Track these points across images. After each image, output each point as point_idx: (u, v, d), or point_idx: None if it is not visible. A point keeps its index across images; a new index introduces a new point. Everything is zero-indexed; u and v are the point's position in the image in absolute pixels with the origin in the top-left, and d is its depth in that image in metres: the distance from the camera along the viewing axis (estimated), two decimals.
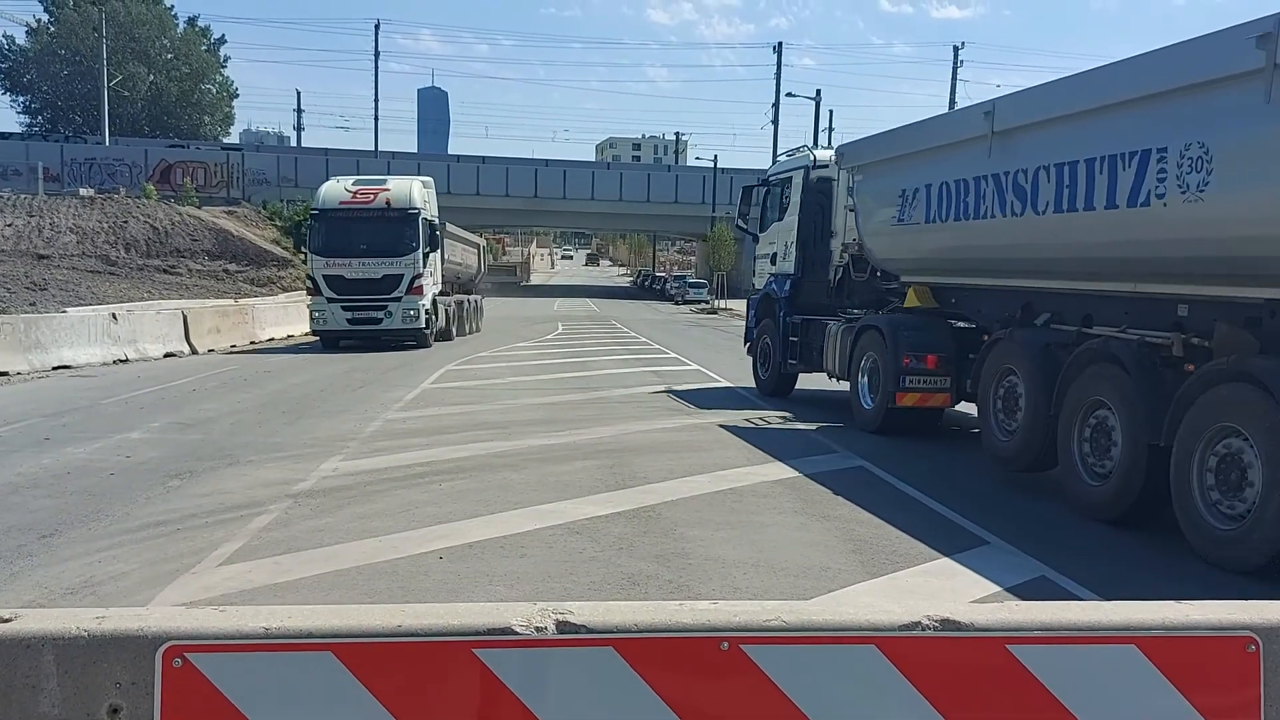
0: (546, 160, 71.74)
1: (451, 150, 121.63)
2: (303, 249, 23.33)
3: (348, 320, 22.27)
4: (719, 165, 65.36)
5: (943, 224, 10.23)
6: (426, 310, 22.74)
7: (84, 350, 17.39)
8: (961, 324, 11.07)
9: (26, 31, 74.97)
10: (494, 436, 10.60)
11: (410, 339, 22.77)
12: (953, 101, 79.53)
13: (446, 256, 26.15)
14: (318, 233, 22.59)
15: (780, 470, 9.03)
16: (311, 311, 22.84)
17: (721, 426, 11.58)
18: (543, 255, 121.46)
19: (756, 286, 15.65)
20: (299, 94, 79.70)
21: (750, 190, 15.99)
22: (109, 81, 59.52)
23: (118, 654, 2.10)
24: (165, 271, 38.33)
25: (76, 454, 9.37)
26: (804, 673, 2.25)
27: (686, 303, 58.45)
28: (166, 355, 19.54)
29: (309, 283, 23.12)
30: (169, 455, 9.43)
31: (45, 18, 75.85)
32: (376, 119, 73.91)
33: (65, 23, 74.02)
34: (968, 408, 12.81)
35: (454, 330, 26.19)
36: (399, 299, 22.22)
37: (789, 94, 59.02)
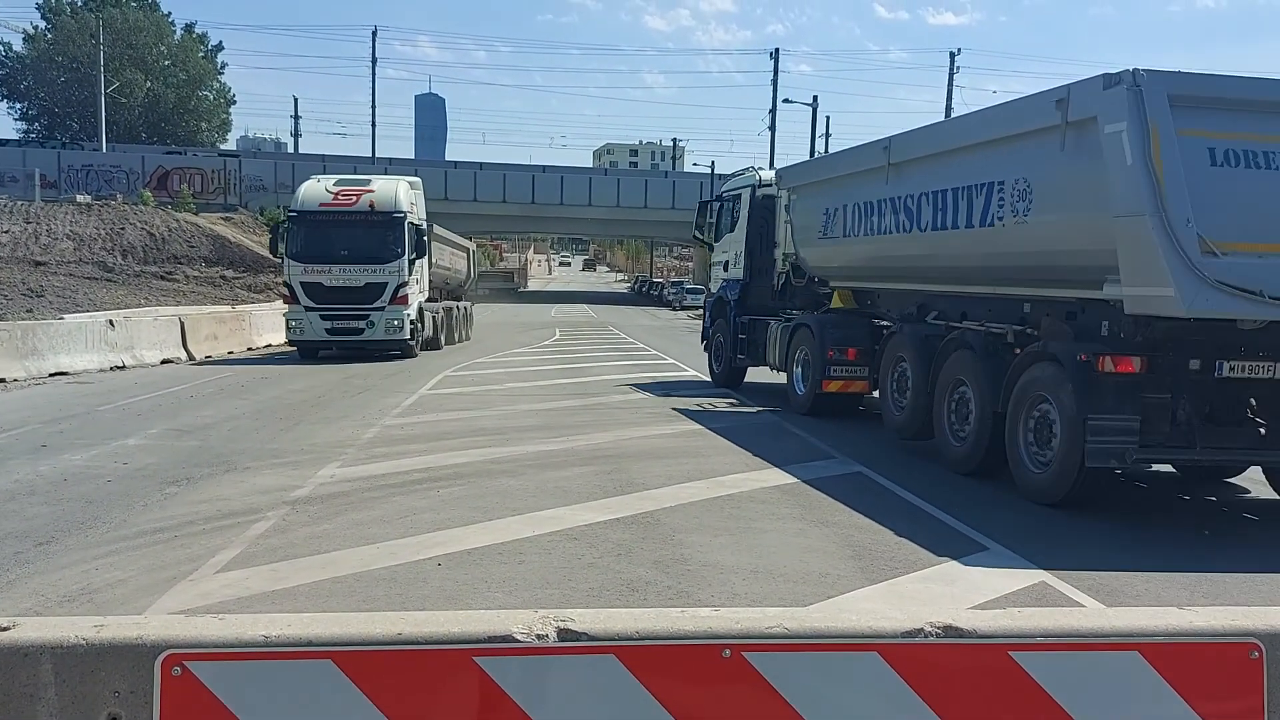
0: (544, 166, 71.83)
1: (449, 156, 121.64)
2: (279, 253, 21.67)
3: (326, 330, 20.93)
4: (716, 171, 65.44)
5: (856, 238, 12.22)
6: (411, 320, 21.48)
7: (81, 357, 17.35)
8: (880, 322, 12.72)
9: (24, 38, 75.02)
10: (492, 442, 10.59)
11: (394, 350, 21.58)
12: (949, 108, 79.58)
13: (435, 261, 25.00)
14: (295, 236, 21.18)
15: (778, 476, 9.02)
16: (288, 320, 21.39)
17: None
18: (540, 261, 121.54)
19: (712, 290, 17.91)
20: (296, 100, 79.74)
21: (705, 205, 18.24)
22: (106, 88, 59.53)
23: (116, 662, 2.09)
24: (162, 278, 38.33)
25: (73, 461, 9.35)
26: (806, 680, 2.24)
27: (684, 308, 58.47)
28: (164, 362, 19.50)
29: (285, 289, 21.79)
30: (166, 462, 9.41)
31: (42, 24, 75.89)
32: (374, 125, 74.08)
33: (62, 29, 74.05)
34: None
35: (442, 339, 25.00)
36: (382, 309, 20.90)
37: (786, 100, 59.02)
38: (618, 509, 7.56)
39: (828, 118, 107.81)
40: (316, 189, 21.92)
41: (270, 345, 24.62)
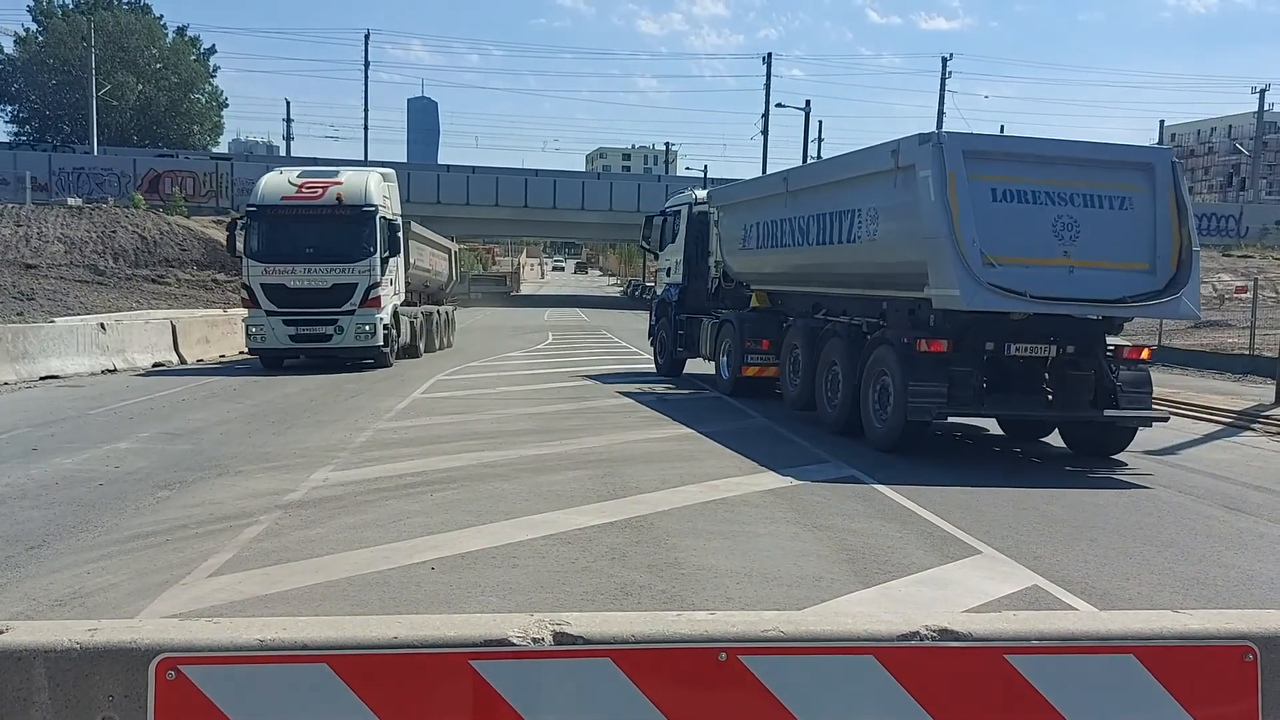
0: (536, 170, 71.81)
1: (441, 160, 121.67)
2: (237, 252, 19.65)
3: (290, 337, 19.03)
4: (709, 175, 65.51)
5: (767, 250, 14.82)
6: (385, 325, 19.63)
7: (72, 360, 17.29)
8: (787, 318, 14.89)
9: (14, 41, 74.84)
10: (485, 446, 10.58)
11: (366, 358, 19.84)
12: (941, 113, 79.82)
13: (412, 262, 23.40)
14: (255, 233, 19.25)
15: (772, 480, 9.02)
16: (247, 326, 19.48)
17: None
18: (533, 265, 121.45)
19: (657, 293, 20.33)
20: (288, 103, 79.96)
21: (651, 219, 20.88)
22: (97, 91, 59.40)
23: (110, 666, 2.08)
24: (154, 281, 38.24)
25: (65, 464, 9.31)
26: (802, 683, 2.24)
27: None
28: (155, 365, 19.43)
29: (244, 292, 19.67)
30: (158, 465, 9.38)
31: (34, 27, 75.69)
32: (366, 129, 74.22)
33: (54, 32, 73.86)
34: (970, 424, 12.89)
35: (421, 345, 23.29)
36: (352, 312, 19.11)
37: (779, 104, 59.21)
38: (611, 513, 7.55)
39: (820, 122, 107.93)
40: (278, 181, 20.09)
41: None
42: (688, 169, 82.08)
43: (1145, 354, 10.93)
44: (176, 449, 10.31)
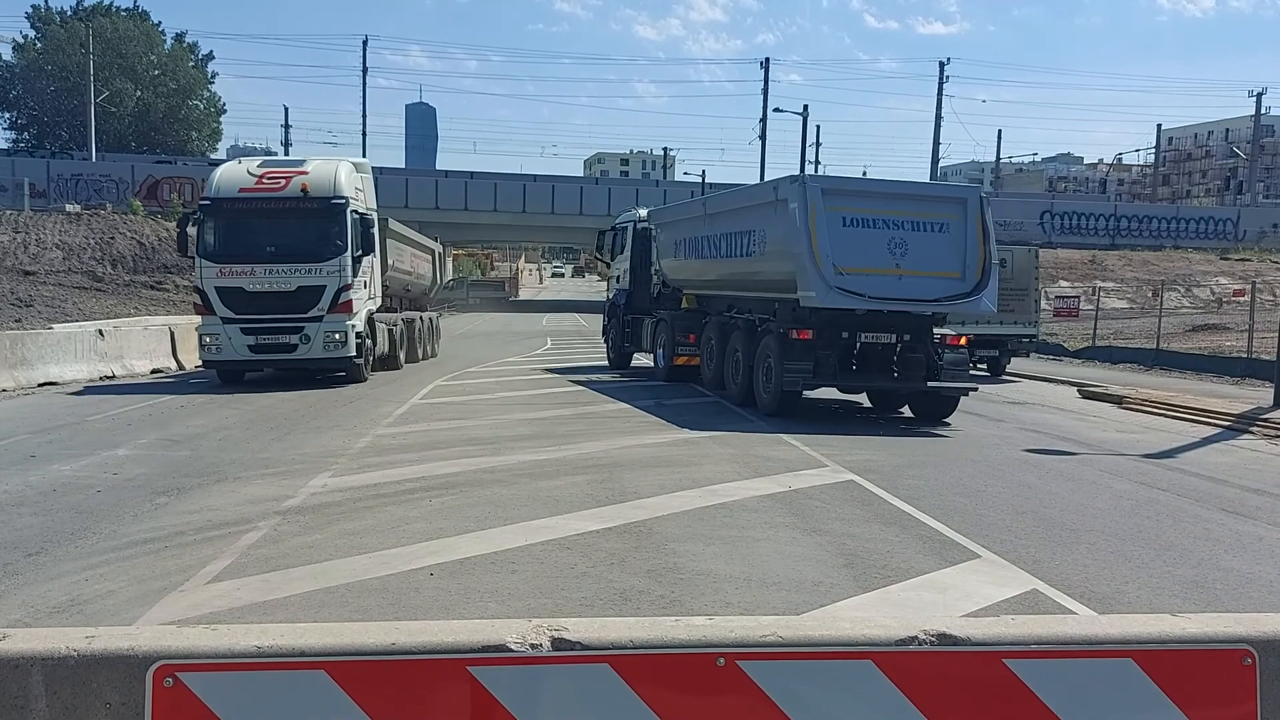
0: (535, 175, 71.81)
1: (440, 166, 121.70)
2: (189, 252, 17.62)
3: (250, 347, 17.01)
4: (707, 180, 65.54)
5: (692, 261, 18.18)
6: (359, 332, 17.65)
7: (70, 367, 17.29)
8: (707, 316, 17.82)
9: (13, 48, 74.84)
10: (484, 452, 10.57)
11: (337, 370, 17.92)
12: (939, 117, 79.86)
13: (391, 263, 21.37)
14: (209, 230, 17.19)
15: (770, 485, 9.02)
16: (201, 336, 17.39)
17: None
18: (531, 270, 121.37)
19: (609, 298, 23.48)
20: (286, 109, 79.96)
21: (603, 233, 23.85)
22: (96, 97, 59.43)
23: (108, 674, 2.08)
24: (152, 287, 38.22)
25: (63, 471, 9.30)
26: (800, 688, 2.24)
27: None
28: (154, 371, 19.43)
29: (196, 297, 17.64)
30: (157, 472, 9.37)
31: (32, 34, 75.73)
32: (364, 134, 73.94)
33: (52, 39, 73.90)
34: (970, 427, 12.94)
35: (401, 356, 21.37)
36: (319, 318, 17.10)
37: (776, 109, 59.32)
38: (610, 518, 7.55)
39: (818, 126, 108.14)
40: (236, 172, 18.20)
41: None
42: (686, 174, 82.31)
43: (963, 341, 14.47)
44: (175, 455, 10.30)
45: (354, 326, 17.50)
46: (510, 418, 13.54)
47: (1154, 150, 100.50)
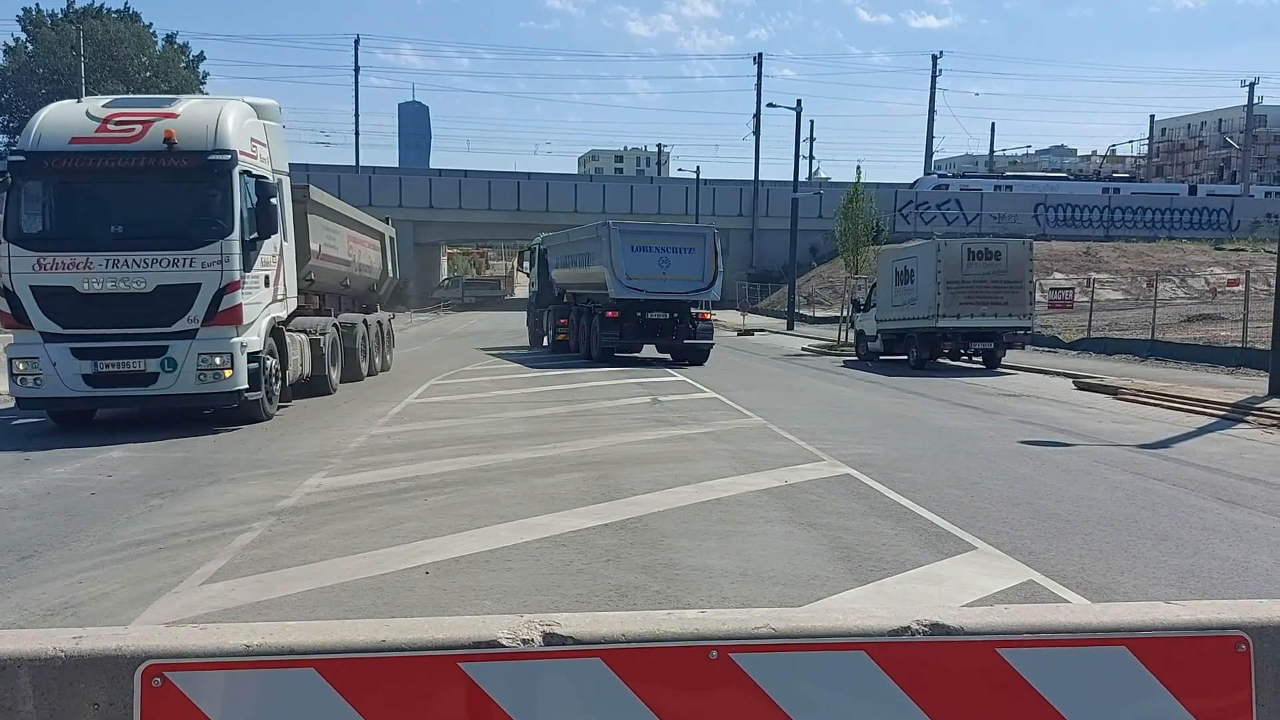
0: (529, 173, 71.80)
1: (433, 164, 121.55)
2: None
3: (86, 378, 11.75)
4: (702, 176, 65.52)
5: (564, 270, 26.93)
6: (254, 352, 12.43)
7: None
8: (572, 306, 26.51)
9: (4, 50, 74.64)
10: (479, 450, 10.56)
11: (222, 405, 12.37)
12: (932, 110, 79.86)
13: (318, 248, 16.07)
14: (22, 201, 11.92)
15: (766, 479, 9.01)
16: (10, 360, 11.96)
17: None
18: (535, 252, 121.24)
19: (528, 299, 33.66)
20: (279, 109, 79.45)
21: (522, 252, 35.04)
22: None
23: (95, 674, 2.07)
24: None
25: (56, 474, 9.28)
26: (793, 680, 2.23)
27: None
28: None
29: (2, 302, 11.90)
30: (151, 473, 9.35)
31: (23, 36, 75.54)
32: (357, 134, 74.11)
33: (43, 41, 73.70)
34: (966, 420, 12.87)
35: (334, 376, 16.51)
36: (191, 333, 11.84)
37: (770, 105, 59.28)
38: (606, 514, 7.54)
39: (812, 121, 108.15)
40: (68, 114, 12.57)
41: None
42: (680, 170, 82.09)
43: (706, 315, 23.58)
44: (169, 457, 10.28)
45: (244, 344, 12.22)
46: (505, 416, 13.52)
47: (1147, 141, 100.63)
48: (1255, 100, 75.55)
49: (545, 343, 28.68)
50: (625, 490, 8.49)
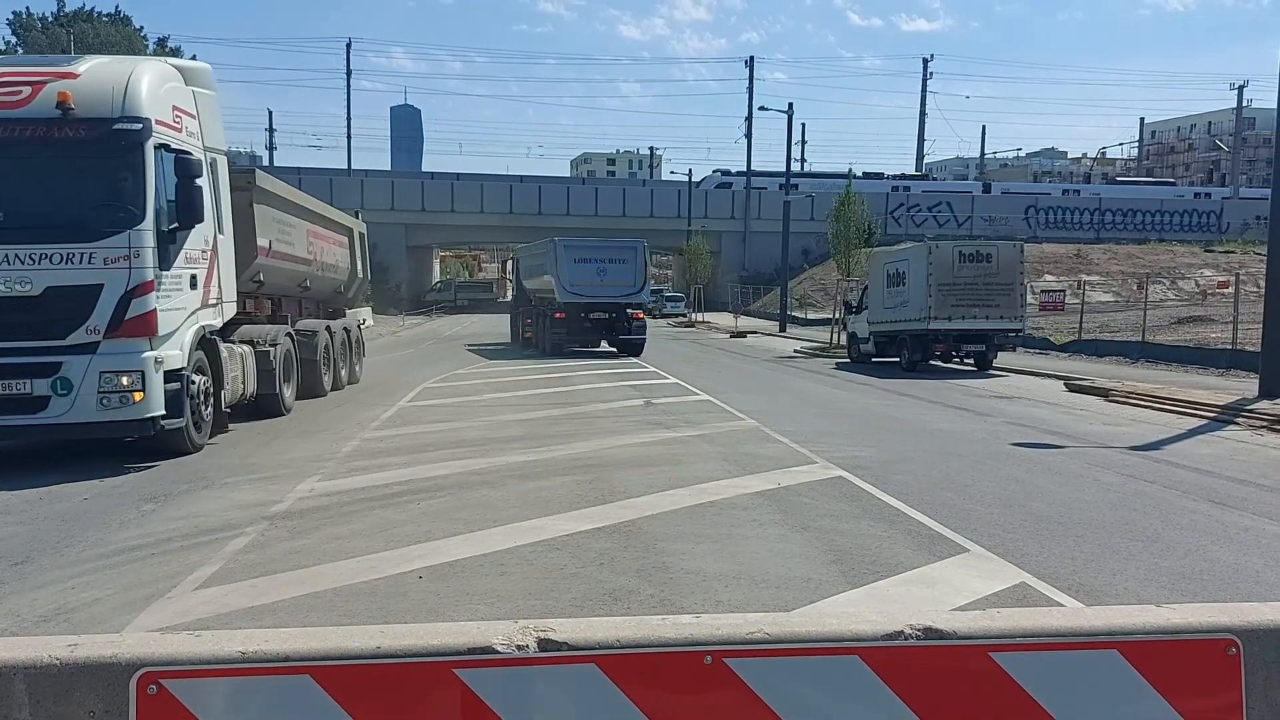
0: (521, 176, 71.80)
1: (425, 168, 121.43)
2: None
3: None
4: (694, 179, 65.59)
5: (530, 279, 31.69)
6: (173, 370, 10.29)
7: None
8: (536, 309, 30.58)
9: None
10: (472, 454, 10.55)
11: (133, 436, 10.19)
12: (923, 113, 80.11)
13: (267, 243, 13.79)
14: None
15: (759, 482, 9.03)
16: None
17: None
18: (513, 264, 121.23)
19: (510, 302, 38.80)
20: (270, 113, 79.80)
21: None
22: None
23: (91, 682, 2.07)
24: None
25: (48, 479, 9.24)
26: (787, 684, 2.24)
27: (664, 316, 58.52)
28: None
29: None
30: (143, 478, 9.32)
31: (13, 40, 75.31)
32: (349, 137, 73.89)
33: (33, 46, 73.40)
34: (958, 422, 12.94)
35: (287, 392, 14.25)
36: (90, 346, 9.67)
37: (761, 108, 59.30)
38: (599, 518, 7.54)
39: (804, 124, 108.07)
40: None
41: None
42: (673, 173, 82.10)
43: (639, 315, 27.85)
44: (162, 461, 10.24)
45: (160, 360, 10.01)
46: (499, 419, 13.52)
47: (1137, 144, 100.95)
48: (1245, 103, 75.89)
49: (517, 340, 32.94)
50: (619, 493, 8.50)
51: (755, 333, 41.48)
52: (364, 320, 25.67)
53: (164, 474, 9.60)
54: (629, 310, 27.61)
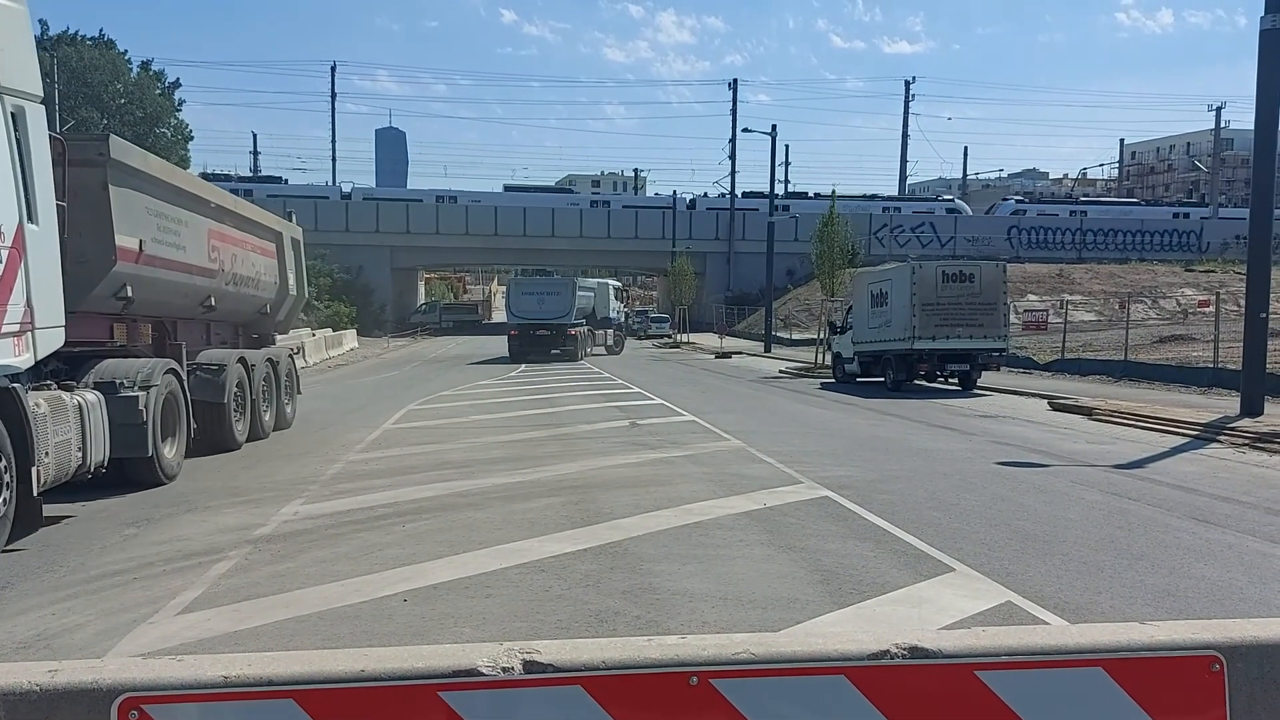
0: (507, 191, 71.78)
1: (410, 189, 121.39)
2: None
3: None
4: (687, 198, 65.81)
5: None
6: None
7: None
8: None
9: None
10: (458, 476, 10.52)
11: None
12: (905, 135, 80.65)
13: (144, 246, 10.50)
14: None
15: (745, 503, 9.02)
16: None
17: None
18: (504, 293, 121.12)
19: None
20: (255, 136, 79.66)
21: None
22: (62, 126, 58.95)
23: (71, 708, 2.05)
24: None
25: None
26: (774, 704, 2.23)
27: (649, 337, 58.58)
28: None
29: None
30: (126, 502, 9.25)
31: None
32: (334, 160, 74.21)
33: None
34: (943, 441, 13.01)
35: (164, 452, 10.39)
36: None
37: (745, 129, 59.47)
38: (586, 539, 7.52)
39: (787, 146, 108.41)
40: None
41: None
42: (657, 194, 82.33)
43: (573, 332, 39.27)
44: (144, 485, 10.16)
45: None
46: (483, 440, 13.48)
47: (1118, 164, 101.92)
48: (1223, 124, 76.78)
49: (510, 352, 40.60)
50: (605, 515, 8.48)
51: (740, 353, 41.56)
52: (297, 348, 20.33)
53: (146, 498, 9.53)
54: (566, 329, 38.89)
